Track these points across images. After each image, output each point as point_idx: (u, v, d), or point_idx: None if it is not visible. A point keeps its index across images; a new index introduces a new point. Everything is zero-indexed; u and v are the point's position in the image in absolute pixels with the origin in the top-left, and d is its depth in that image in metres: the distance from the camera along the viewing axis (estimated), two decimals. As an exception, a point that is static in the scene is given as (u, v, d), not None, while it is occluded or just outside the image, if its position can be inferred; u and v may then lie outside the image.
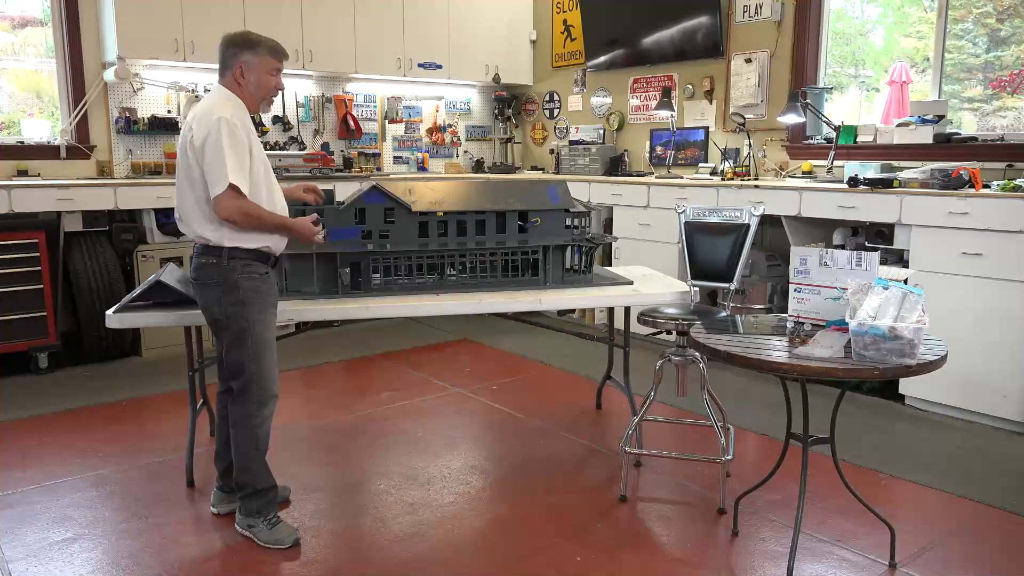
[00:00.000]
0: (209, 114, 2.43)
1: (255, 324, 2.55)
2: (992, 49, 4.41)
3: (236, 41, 2.57)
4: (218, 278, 2.51)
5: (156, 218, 4.91)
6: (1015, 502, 2.89)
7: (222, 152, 2.39)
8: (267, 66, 2.58)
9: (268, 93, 2.63)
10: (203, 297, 2.57)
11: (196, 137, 2.43)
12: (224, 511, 2.80)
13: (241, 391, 2.59)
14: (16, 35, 5.04)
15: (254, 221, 2.48)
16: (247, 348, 2.55)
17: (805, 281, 2.43)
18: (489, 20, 6.49)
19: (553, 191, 3.32)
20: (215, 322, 2.58)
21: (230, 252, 2.51)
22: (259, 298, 2.56)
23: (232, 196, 2.41)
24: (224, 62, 2.57)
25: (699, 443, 3.44)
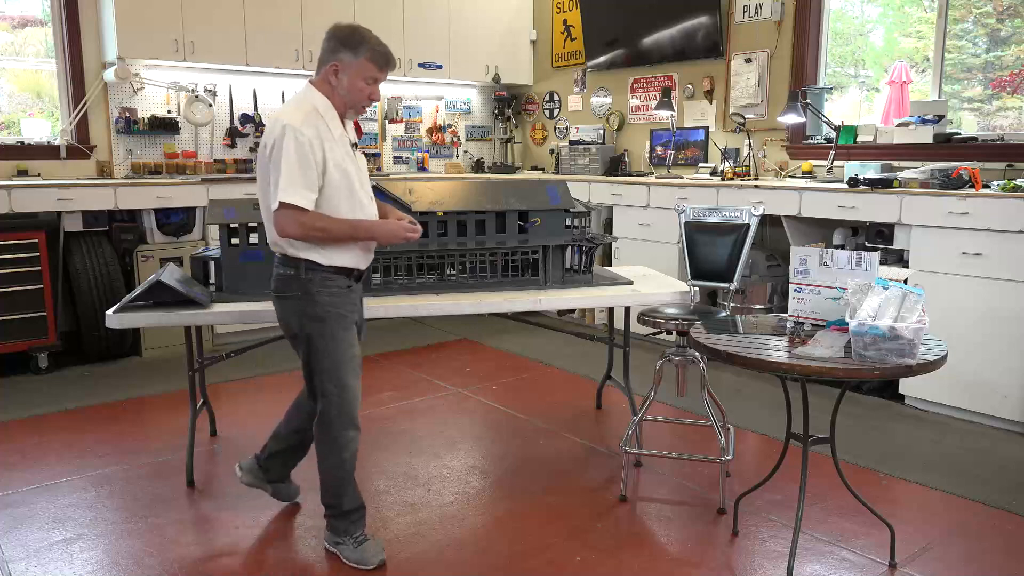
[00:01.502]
0: (278, 120, 2.27)
1: (332, 339, 2.40)
2: (992, 49, 4.41)
3: (338, 36, 2.37)
4: (295, 290, 2.37)
5: (156, 218, 4.91)
6: (1015, 502, 2.89)
7: (279, 165, 2.22)
8: (363, 72, 2.35)
9: (358, 102, 2.40)
10: (280, 310, 2.44)
11: (264, 143, 2.30)
12: (247, 481, 2.78)
13: (323, 413, 2.45)
14: (16, 35, 5.04)
15: (319, 234, 2.29)
16: (325, 364, 2.41)
17: (805, 281, 2.43)
18: (489, 20, 6.49)
19: (553, 191, 3.32)
20: (292, 337, 2.45)
21: (307, 264, 2.34)
22: (337, 312, 2.39)
23: (287, 213, 2.24)
24: (321, 56, 2.38)
25: (699, 443, 3.44)
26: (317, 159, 2.26)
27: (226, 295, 3.05)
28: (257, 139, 5.73)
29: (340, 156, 2.33)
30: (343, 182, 2.33)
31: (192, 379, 3.15)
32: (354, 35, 2.37)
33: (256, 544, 2.62)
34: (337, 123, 2.37)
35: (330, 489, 2.52)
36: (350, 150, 2.40)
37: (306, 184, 2.24)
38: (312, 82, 2.40)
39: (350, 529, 2.52)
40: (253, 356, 3.72)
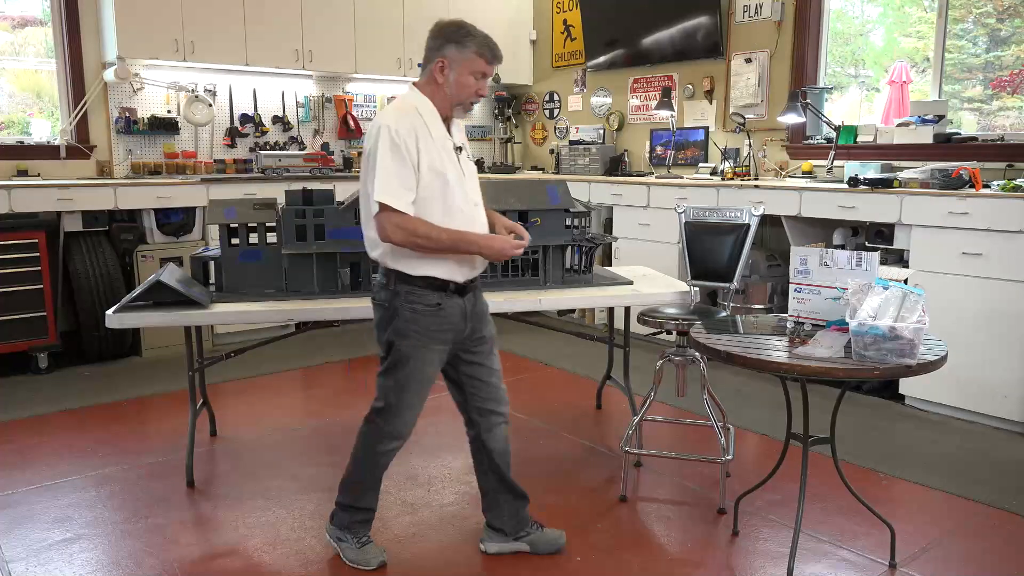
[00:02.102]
0: (376, 121, 2.22)
1: (410, 358, 2.31)
2: (992, 49, 4.41)
3: (443, 32, 2.29)
4: (384, 301, 2.32)
5: (156, 218, 4.91)
6: (1015, 502, 2.89)
7: (375, 166, 2.16)
8: (471, 66, 2.27)
9: (466, 98, 2.31)
10: (375, 316, 2.39)
11: (365, 145, 2.26)
12: (494, 550, 2.55)
13: (376, 415, 2.40)
14: (16, 35, 5.04)
15: (422, 240, 2.18)
16: (396, 377, 2.34)
17: (805, 281, 2.43)
18: (489, 20, 6.46)
19: (553, 191, 3.32)
20: (379, 343, 2.39)
21: (397, 275, 2.28)
22: (420, 330, 2.30)
23: (386, 215, 2.17)
24: (426, 54, 2.30)
25: (699, 443, 3.44)
26: (413, 159, 2.18)
27: (226, 295, 3.05)
28: (257, 139, 5.74)
29: (437, 159, 2.23)
30: (437, 186, 2.23)
31: (192, 379, 3.15)
32: (460, 29, 2.29)
33: (256, 544, 2.62)
34: (438, 124, 2.29)
35: (353, 485, 2.48)
36: (452, 154, 2.30)
37: (402, 184, 2.17)
38: (415, 84, 2.33)
39: (356, 529, 2.49)
40: (253, 356, 3.72)
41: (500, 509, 2.55)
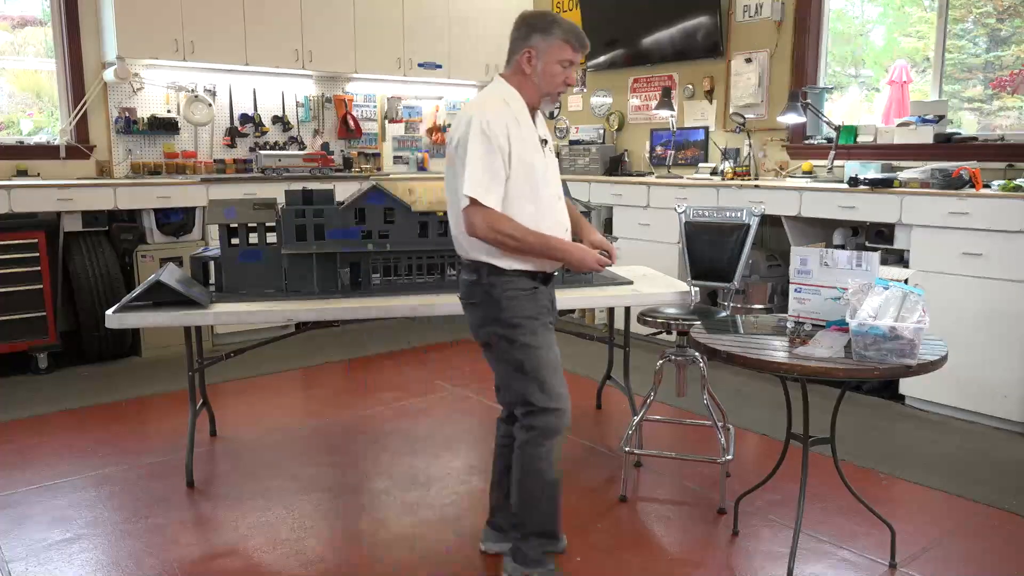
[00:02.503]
0: (465, 112, 2.18)
1: (530, 348, 2.24)
2: (992, 49, 4.41)
3: (528, 21, 2.27)
4: (479, 298, 2.25)
5: (156, 218, 4.90)
6: (1015, 502, 2.89)
7: (465, 160, 2.11)
8: (558, 55, 2.23)
9: (555, 87, 2.26)
10: (470, 318, 2.32)
11: (451, 138, 2.20)
12: (495, 550, 2.51)
13: (531, 425, 2.26)
14: (16, 35, 5.04)
15: (508, 240, 2.14)
16: (526, 375, 2.24)
17: (805, 281, 2.43)
18: (489, 20, 6.48)
19: (553, 191, 3.31)
20: (485, 345, 2.31)
21: (488, 268, 2.22)
22: (527, 315, 2.25)
23: (475, 210, 2.12)
24: (511, 46, 2.26)
25: (699, 443, 3.44)
26: (504, 152, 2.14)
27: (226, 295, 3.05)
28: (257, 139, 5.74)
29: (527, 150, 2.19)
30: (527, 178, 2.19)
31: (192, 379, 3.15)
32: (545, 17, 2.26)
33: (256, 544, 2.62)
34: (526, 116, 2.24)
35: (537, 508, 2.29)
36: (539, 146, 2.26)
37: (493, 178, 2.13)
38: (502, 75, 2.29)
39: (543, 560, 2.32)
40: (253, 356, 3.71)
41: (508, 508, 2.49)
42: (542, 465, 2.27)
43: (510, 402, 2.36)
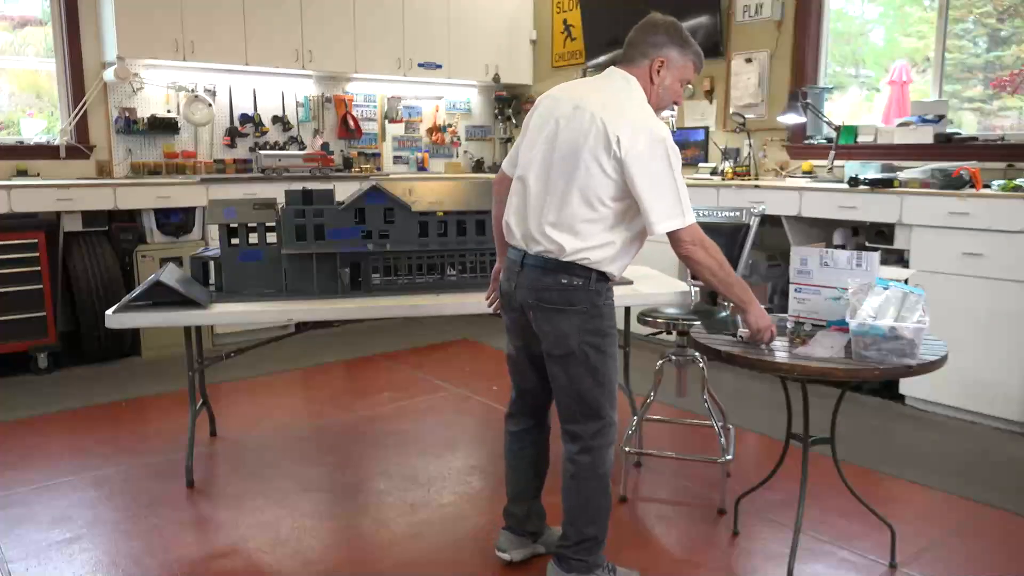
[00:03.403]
0: (642, 125, 2.03)
1: (611, 360, 2.17)
2: (992, 49, 4.41)
3: (667, 29, 2.14)
4: (583, 303, 2.09)
5: (156, 218, 4.90)
6: (1015, 502, 2.89)
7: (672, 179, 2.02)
8: (684, 73, 2.16)
9: (667, 105, 2.21)
10: (560, 325, 2.10)
11: (627, 144, 1.99)
12: (520, 558, 2.45)
13: (595, 437, 2.19)
14: (16, 35, 5.04)
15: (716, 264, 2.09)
16: (603, 387, 2.15)
17: (805, 281, 2.43)
18: (489, 20, 6.49)
19: (553, 191, 3.31)
20: (564, 356, 2.12)
21: (598, 275, 2.10)
22: (614, 326, 2.19)
23: (692, 229, 2.08)
24: (640, 47, 2.14)
25: (699, 443, 3.44)
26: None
27: (226, 295, 3.05)
28: (257, 139, 5.73)
29: None
30: None
31: (192, 379, 3.15)
32: (682, 31, 2.15)
33: (256, 544, 2.62)
34: None
35: (601, 515, 2.24)
36: None
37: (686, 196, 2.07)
38: (632, 72, 2.15)
39: (603, 561, 2.30)
40: (253, 356, 3.71)
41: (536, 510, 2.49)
42: (607, 472, 2.23)
43: (578, 417, 2.19)
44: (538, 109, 2.21)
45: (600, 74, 2.23)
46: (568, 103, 2.12)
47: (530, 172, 2.14)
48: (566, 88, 2.22)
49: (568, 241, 2.07)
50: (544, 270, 2.10)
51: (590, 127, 2.04)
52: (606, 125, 2.01)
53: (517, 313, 2.22)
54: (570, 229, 2.07)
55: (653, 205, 2.03)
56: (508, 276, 2.21)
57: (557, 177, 2.08)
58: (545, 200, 2.10)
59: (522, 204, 2.16)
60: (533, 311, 2.14)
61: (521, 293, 2.16)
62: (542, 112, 2.18)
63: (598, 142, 2.02)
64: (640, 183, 2.01)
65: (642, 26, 2.18)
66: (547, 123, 2.13)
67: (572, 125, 2.08)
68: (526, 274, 2.14)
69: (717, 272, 2.10)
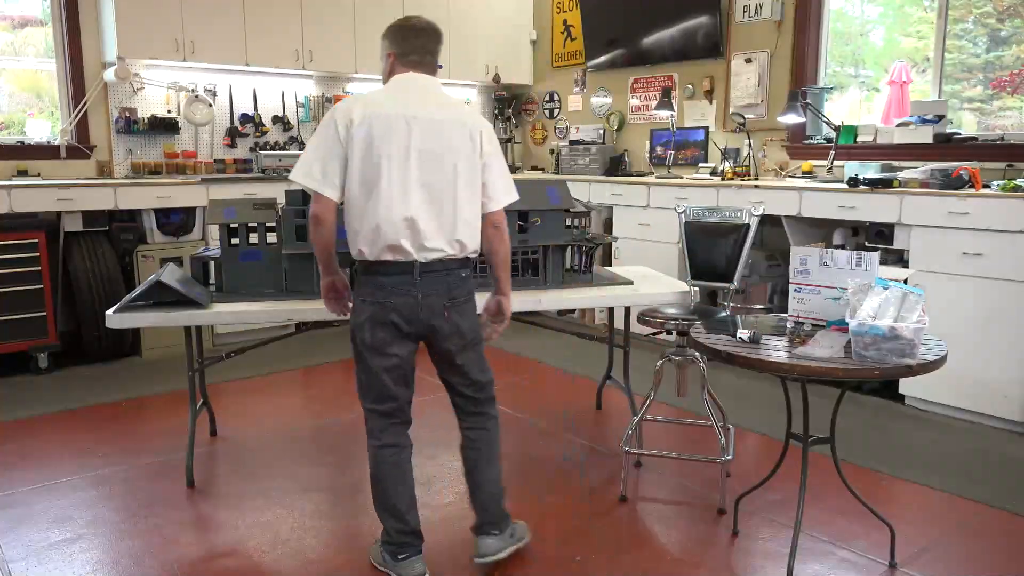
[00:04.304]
0: (472, 117, 2.33)
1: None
2: (992, 49, 4.41)
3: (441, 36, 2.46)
4: (470, 291, 2.35)
5: (156, 218, 4.91)
6: (1015, 502, 2.89)
7: (497, 165, 2.34)
8: None
9: None
10: (467, 315, 2.33)
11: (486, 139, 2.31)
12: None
13: (492, 401, 2.46)
14: (16, 35, 5.04)
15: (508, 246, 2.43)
16: (486, 360, 2.44)
17: (805, 281, 2.43)
18: (489, 20, 6.49)
19: (553, 191, 3.32)
20: (477, 339, 2.38)
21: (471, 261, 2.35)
22: None
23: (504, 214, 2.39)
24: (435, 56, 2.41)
25: (699, 443, 3.44)
26: None
27: (226, 295, 3.05)
28: (257, 139, 5.73)
29: None
30: None
31: (192, 379, 3.15)
32: None
33: (256, 544, 2.62)
34: None
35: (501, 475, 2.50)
36: None
37: None
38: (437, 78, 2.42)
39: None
40: (253, 356, 3.72)
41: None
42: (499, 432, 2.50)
43: (483, 390, 2.44)
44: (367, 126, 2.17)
45: (417, 84, 2.30)
46: (416, 116, 2.19)
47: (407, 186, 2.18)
48: (393, 103, 2.22)
49: (469, 239, 2.29)
50: (451, 269, 2.26)
51: (456, 131, 2.24)
52: (469, 128, 2.26)
53: (419, 323, 2.26)
54: (468, 227, 2.27)
55: (504, 180, 2.34)
56: (403, 290, 2.22)
57: (445, 185, 2.22)
58: (442, 208, 2.21)
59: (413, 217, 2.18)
60: (448, 311, 2.26)
61: (430, 300, 2.24)
62: (381, 129, 2.17)
63: (471, 144, 2.26)
64: (496, 168, 2.32)
65: (433, 34, 2.35)
66: (399, 138, 2.17)
67: (437, 134, 2.21)
68: (431, 281, 2.23)
69: (508, 249, 2.41)
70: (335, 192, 2.19)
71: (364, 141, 2.15)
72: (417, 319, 2.25)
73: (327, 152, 2.17)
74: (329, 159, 2.17)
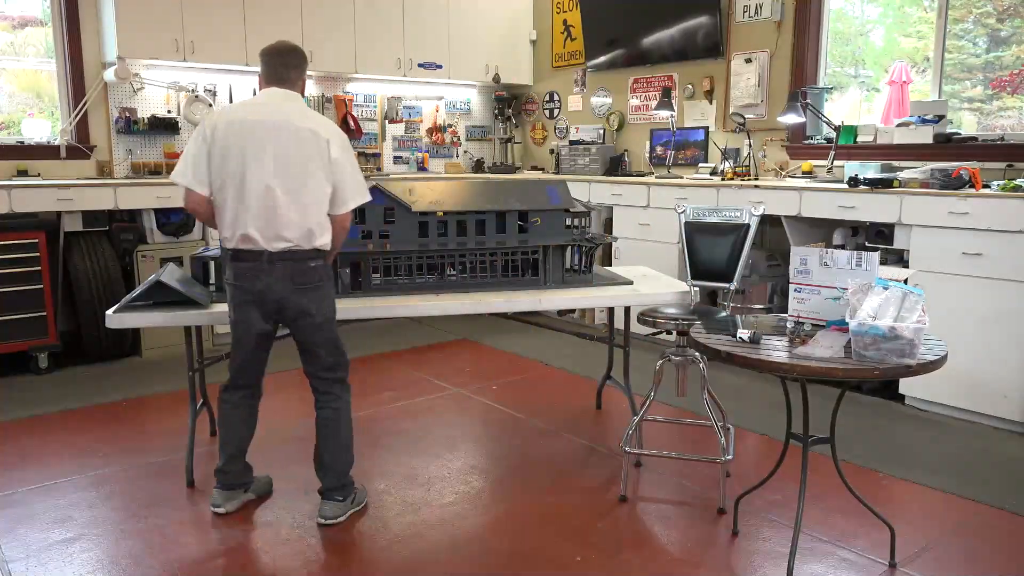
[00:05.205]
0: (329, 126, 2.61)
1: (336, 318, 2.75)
2: (992, 49, 4.41)
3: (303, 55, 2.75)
4: (324, 278, 2.65)
5: (156, 218, 4.91)
6: (1015, 502, 2.89)
7: (347, 167, 2.61)
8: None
9: None
10: (310, 300, 2.62)
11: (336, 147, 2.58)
12: (233, 508, 2.82)
13: (344, 387, 2.78)
14: (16, 35, 5.04)
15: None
16: (338, 340, 2.73)
17: (805, 281, 2.43)
18: (489, 20, 6.49)
19: (553, 191, 3.32)
20: (323, 322, 2.66)
21: (322, 253, 2.64)
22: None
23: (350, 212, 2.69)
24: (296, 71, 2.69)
25: (699, 443, 3.44)
26: None
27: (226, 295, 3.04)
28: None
29: None
30: None
31: (192, 379, 3.15)
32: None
33: (256, 544, 2.62)
34: None
35: (349, 449, 2.79)
36: None
37: None
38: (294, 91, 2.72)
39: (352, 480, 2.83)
40: (253, 356, 3.71)
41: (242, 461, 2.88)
42: (350, 413, 2.79)
43: (333, 367, 2.74)
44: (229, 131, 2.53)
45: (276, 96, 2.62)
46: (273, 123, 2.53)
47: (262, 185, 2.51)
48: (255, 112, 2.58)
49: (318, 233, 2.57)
50: (302, 259, 2.57)
51: (308, 139, 2.52)
52: (319, 136, 2.53)
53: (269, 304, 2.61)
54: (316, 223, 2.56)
55: (351, 181, 2.61)
56: (255, 275, 2.56)
57: (296, 185, 2.52)
58: (291, 205, 2.52)
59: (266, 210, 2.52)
60: (295, 294, 2.58)
61: (278, 284, 2.56)
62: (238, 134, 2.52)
63: (319, 150, 2.53)
64: (344, 168, 2.58)
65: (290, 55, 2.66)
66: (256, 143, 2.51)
67: (290, 141, 2.52)
68: (280, 268, 2.55)
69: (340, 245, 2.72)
70: (204, 188, 2.57)
71: (225, 144, 2.52)
72: (267, 301, 2.60)
73: (196, 154, 2.55)
74: (199, 160, 2.55)
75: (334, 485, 2.75)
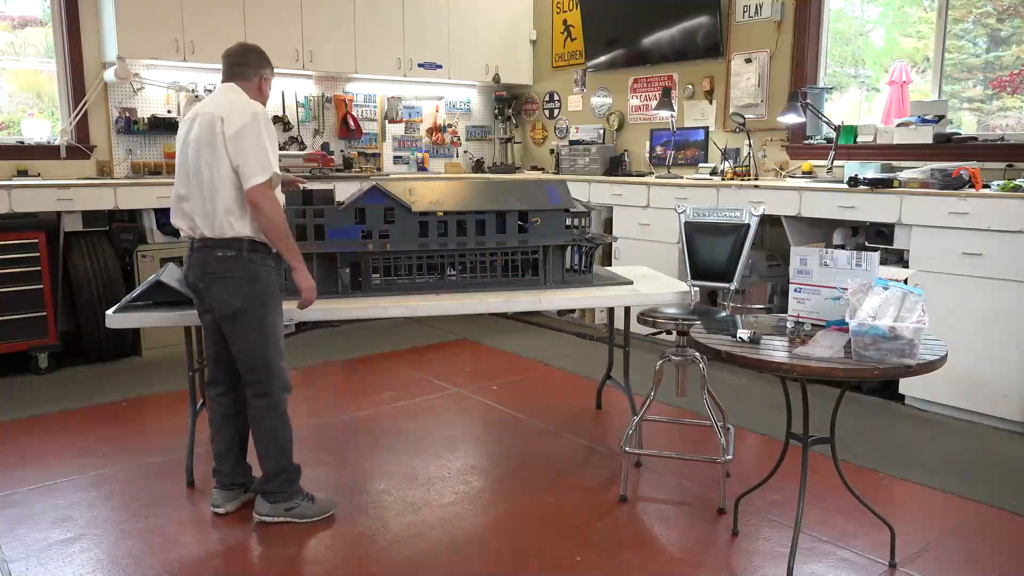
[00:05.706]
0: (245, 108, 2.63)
1: (277, 317, 2.65)
2: (992, 49, 4.41)
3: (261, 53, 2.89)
4: (235, 271, 2.55)
5: (156, 218, 4.91)
6: (1015, 502, 2.89)
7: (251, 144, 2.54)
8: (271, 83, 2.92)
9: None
10: (221, 292, 2.56)
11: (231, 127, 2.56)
12: (233, 508, 2.81)
13: (267, 385, 2.64)
14: (16, 35, 5.04)
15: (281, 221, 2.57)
16: (270, 340, 2.61)
17: (805, 281, 2.43)
18: (489, 20, 6.49)
19: (553, 191, 3.32)
20: (232, 315, 2.57)
21: (250, 244, 2.56)
22: (276, 289, 2.66)
23: (267, 188, 2.54)
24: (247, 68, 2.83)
25: (699, 443, 3.44)
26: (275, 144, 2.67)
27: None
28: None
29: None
30: None
31: (192, 379, 3.15)
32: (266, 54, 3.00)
33: (256, 544, 2.62)
34: None
35: (283, 455, 2.71)
36: None
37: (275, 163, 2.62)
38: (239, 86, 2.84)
39: (299, 489, 2.76)
40: (253, 356, 3.71)
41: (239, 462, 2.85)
42: (286, 416, 2.70)
43: (249, 370, 2.63)
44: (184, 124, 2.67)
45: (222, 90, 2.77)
46: (194, 114, 2.64)
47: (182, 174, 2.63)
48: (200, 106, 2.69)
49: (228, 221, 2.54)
50: (207, 247, 2.56)
51: (206, 123, 2.55)
52: (214, 116, 2.54)
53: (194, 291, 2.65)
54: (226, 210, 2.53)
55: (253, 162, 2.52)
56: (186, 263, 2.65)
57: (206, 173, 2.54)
58: (201, 193, 2.55)
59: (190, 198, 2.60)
60: (205, 284, 2.58)
61: (193, 272, 2.60)
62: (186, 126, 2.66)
63: (213, 131, 2.52)
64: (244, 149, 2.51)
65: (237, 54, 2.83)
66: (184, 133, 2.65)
67: (199, 126, 2.57)
68: (196, 257, 2.59)
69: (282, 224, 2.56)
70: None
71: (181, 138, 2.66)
72: (193, 289, 2.66)
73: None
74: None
75: (263, 483, 2.73)
